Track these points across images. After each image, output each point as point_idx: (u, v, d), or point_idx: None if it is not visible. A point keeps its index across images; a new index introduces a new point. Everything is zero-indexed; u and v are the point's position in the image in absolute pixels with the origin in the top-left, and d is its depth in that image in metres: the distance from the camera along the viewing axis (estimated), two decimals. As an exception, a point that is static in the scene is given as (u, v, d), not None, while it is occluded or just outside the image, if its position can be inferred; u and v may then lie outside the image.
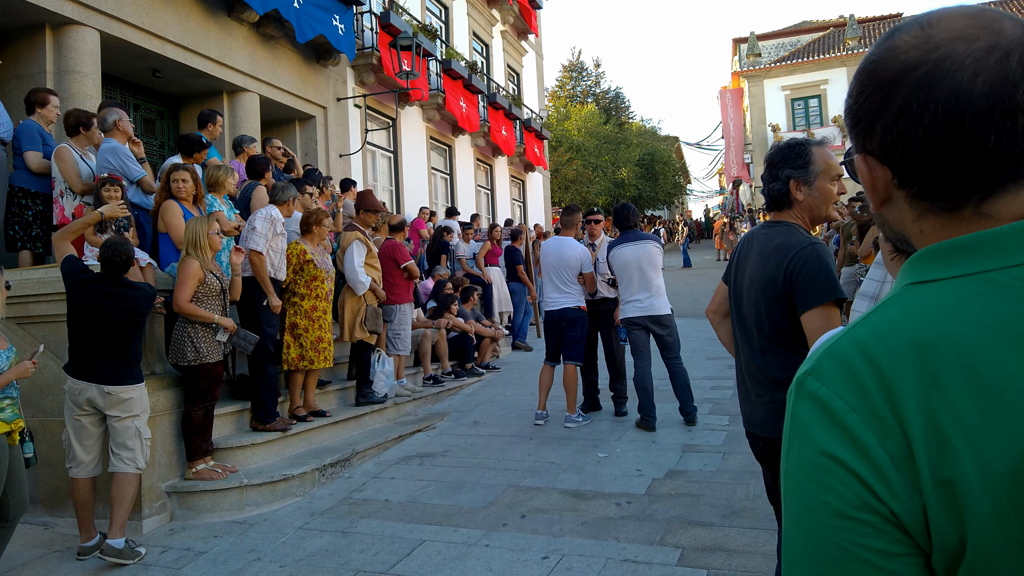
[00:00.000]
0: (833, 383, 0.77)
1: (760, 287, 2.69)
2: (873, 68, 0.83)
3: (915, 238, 0.86)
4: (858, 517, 0.72)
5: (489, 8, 21.69)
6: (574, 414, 7.30)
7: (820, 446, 0.76)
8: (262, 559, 4.70)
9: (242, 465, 5.96)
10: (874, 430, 0.73)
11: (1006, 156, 0.77)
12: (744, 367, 2.83)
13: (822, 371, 0.79)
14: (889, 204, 0.87)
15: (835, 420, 0.75)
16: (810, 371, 0.80)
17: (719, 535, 4.51)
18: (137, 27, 8.92)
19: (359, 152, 14.02)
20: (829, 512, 0.74)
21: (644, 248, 7.00)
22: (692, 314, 14.69)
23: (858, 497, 0.72)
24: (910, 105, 0.79)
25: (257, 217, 6.32)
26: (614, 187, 36.74)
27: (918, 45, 0.80)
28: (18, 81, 7.68)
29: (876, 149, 0.84)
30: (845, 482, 0.73)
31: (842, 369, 0.77)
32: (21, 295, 5.55)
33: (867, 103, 0.84)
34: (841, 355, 0.78)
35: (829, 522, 0.74)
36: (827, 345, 0.81)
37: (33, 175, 6.32)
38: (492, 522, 5.01)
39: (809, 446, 0.77)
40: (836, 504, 0.73)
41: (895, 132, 0.81)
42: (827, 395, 0.77)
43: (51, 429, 5.43)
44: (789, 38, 40.03)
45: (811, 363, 0.81)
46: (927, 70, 0.78)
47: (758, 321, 2.71)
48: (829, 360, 0.79)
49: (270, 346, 6.35)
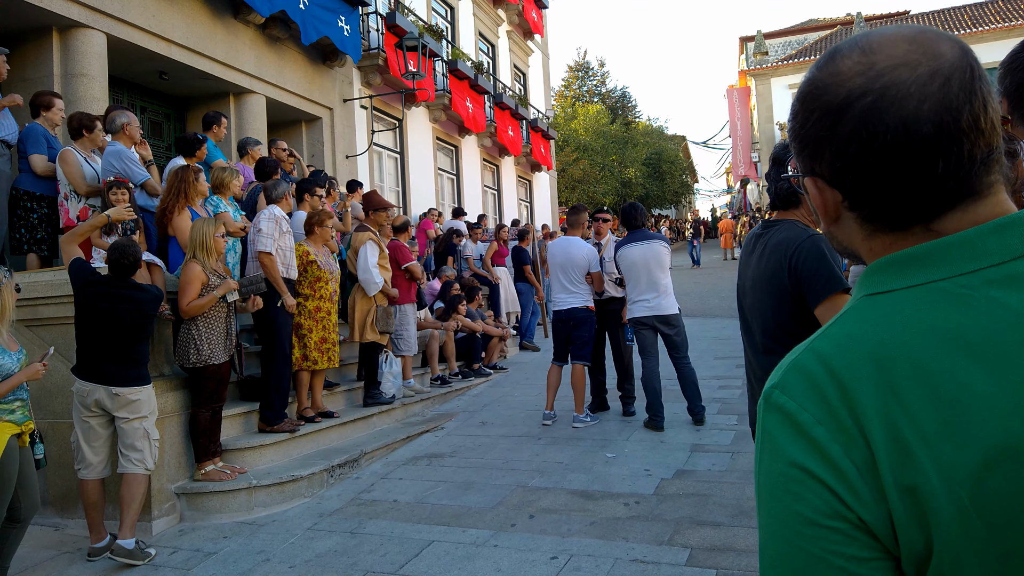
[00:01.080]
0: (799, 396, 0.79)
1: (763, 286, 2.68)
2: (818, 94, 0.85)
3: (865, 255, 0.89)
4: (829, 525, 0.74)
5: (495, 8, 21.70)
6: (582, 414, 7.29)
7: (789, 457, 0.78)
8: (271, 560, 4.71)
9: (251, 466, 5.97)
10: (839, 441, 0.75)
11: (954, 179, 0.80)
12: (748, 368, 2.82)
13: (788, 384, 0.81)
14: (839, 223, 0.89)
15: (802, 432, 0.77)
16: (776, 385, 0.82)
17: (728, 535, 4.50)
18: (144, 30, 8.94)
19: (365, 153, 14.03)
20: (801, 521, 0.76)
21: (651, 248, 6.98)
22: (700, 314, 14.69)
23: (828, 505, 0.74)
24: (859, 133, 0.80)
25: (261, 219, 6.34)
26: (621, 187, 36.68)
27: (862, 72, 0.81)
28: (25, 84, 7.70)
29: (825, 172, 0.86)
30: (815, 491, 0.75)
31: (806, 383, 0.79)
32: (30, 298, 5.57)
33: (813, 128, 0.85)
34: (805, 369, 0.80)
35: (801, 530, 0.76)
36: (791, 358, 0.83)
37: (38, 178, 6.35)
38: (500, 522, 5.01)
39: (779, 458, 0.79)
40: (807, 513, 0.75)
41: (845, 158, 0.82)
42: (794, 408, 0.79)
43: (60, 431, 5.45)
44: (796, 36, 39.95)
45: (777, 377, 0.83)
46: (874, 99, 0.80)
47: (762, 321, 2.70)
48: (794, 374, 0.81)
49: (286, 347, 6.36)
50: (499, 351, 10.91)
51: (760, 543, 0.81)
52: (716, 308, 15.42)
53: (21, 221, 6.36)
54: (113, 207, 5.55)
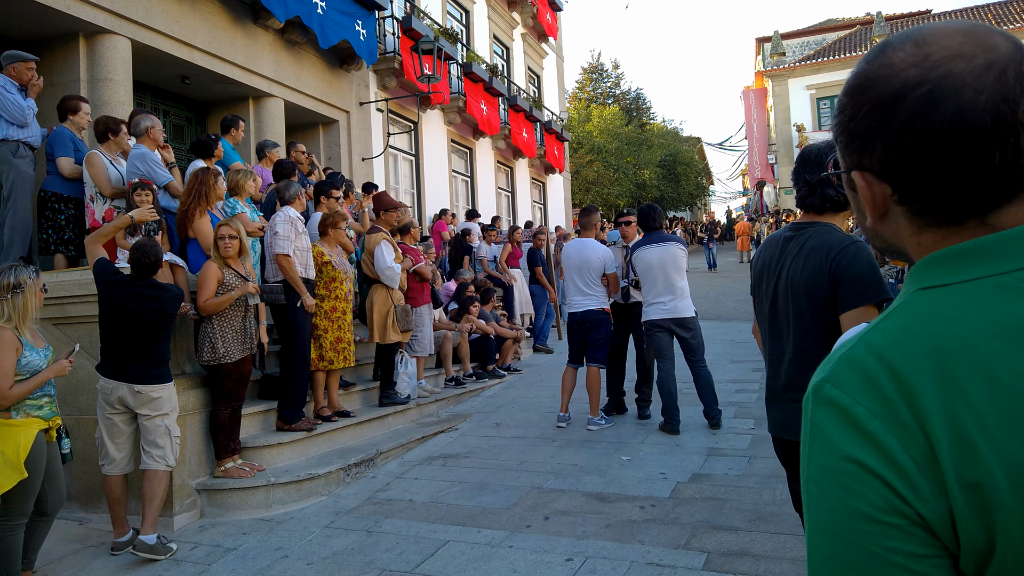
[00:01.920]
0: (852, 390, 0.77)
1: (803, 289, 2.61)
2: (870, 85, 0.84)
3: (913, 250, 0.87)
4: (886, 520, 0.73)
5: (509, 11, 21.75)
6: (597, 416, 7.31)
7: (843, 451, 0.76)
8: (289, 556, 4.78)
9: (269, 464, 6.05)
10: (897, 435, 0.74)
11: (1010, 171, 0.79)
12: (781, 371, 2.73)
13: (839, 378, 0.79)
14: (886, 219, 0.88)
15: (857, 426, 0.76)
16: (827, 378, 0.80)
17: (745, 540, 4.50)
18: (167, 35, 9.07)
19: (381, 155, 14.12)
20: (856, 516, 0.74)
21: (668, 250, 6.98)
22: (716, 317, 14.67)
23: (885, 501, 0.73)
24: (914, 123, 0.80)
25: (277, 221, 6.41)
26: (636, 188, 36.63)
27: (916, 63, 0.81)
28: (53, 89, 7.82)
29: (875, 166, 0.85)
30: (871, 486, 0.74)
31: (860, 375, 0.78)
32: (57, 297, 5.68)
33: (864, 121, 0.84)
34: (858, 361, 0.79)
35: (856, 526, 0.74)
36: (842, 352, 0.82)
37: (66, 180, 6.48)
38: (516, 523, 5.05)
39: (831, 452, 0.77)
40: (863, 508, 0.74)
41: (898, 150, 0.81)
42: (847, 402, 0.77)
43: (86, 427, 5.55)
44: (814, 36, 39.70)
45: (827, 370, 0.81)
46: (929, 89, 0.79)
47: (800, 324, 2.63)
48: (846, 367, 0.80)
49: (305, 347, 6.44)
50: (513, 353, 10.96)
51: (809, 539, 0.80)
52: (733, 311, 15.40)
53: (49, 222, 6.48)
54: (137, 208, 5.65)
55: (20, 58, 6.32)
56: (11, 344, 4.06)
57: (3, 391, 4.01)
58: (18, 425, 4.07)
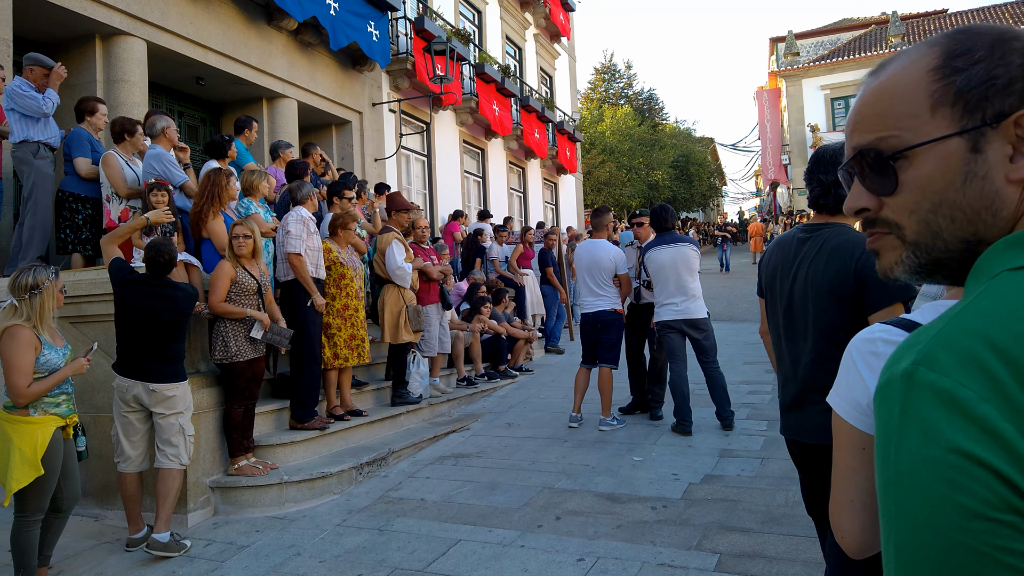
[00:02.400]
0: (954, 371, 0.70)
1: (826, 289, 2.57)
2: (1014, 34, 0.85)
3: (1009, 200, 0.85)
4: (998, 518, 0.66)
5: (522, 11, 21.77)
6: (609, 417, 7.30)
7: (948, 442, 0.69)
8: (302, 554, 4.80)
9: (282, 462, 6.09)
10: (1012, 420, 0.67)
11: None
12: (798, 374, 2.68)
13: (937, 359, 0.72)
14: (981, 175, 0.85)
15: (964, 412, 0.69)
16: (920, 361, 0.73)
17: (758, 541, 4.50)
18: (182, 37, 9.15)
19: (394, 156, 14.16)
20: (963, 514, 0.67)
21: (680, 250, 6.98)
22: (729, 318, 14.64)
23: (998, 496, 0.66)
24: None
25: (289, 220, 6.45)
26: (648, 189, 36.61)
27: None
28: (70, 90, 7.89)
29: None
30: (982, 480, 0.67)
31: (962, 357, 0.71)
32: (74, 295, 5.73)
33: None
34: (957, 343, 0.72)
35: (963, 524, 0.67)
36: (931, 334, 0.75)
37: (83, 180, 6.54)
38: (527, 523, 5.06)
39: (934, 442, 0.70)
40: (972, 505, 0.67)
41: None
42: (950, 384, 0.70)
43: (101, 424, 5.60)
44: (828, 36, 39.49)
45: (917, 353, 0.74)
46: None
47: (818, 324, 2.59)
48: (943, 348, 0.73)
49: (315, 346, 6.47)
50: (525, 353, 10.97)
51: (899, 539, 0.72)
52: (745, 312, 15.37)
53: (66, 222, 6.55)
54: (153, 210, 5.70)
55: (40, 62, 6.38)
56: (29, 343, 4.11)
57: (21, 389, 4.06)
58: (35, 422, 4.12)
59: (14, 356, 4.05)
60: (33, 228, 6.27)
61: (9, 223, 6.92)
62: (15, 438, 4.03)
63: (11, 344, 4.07)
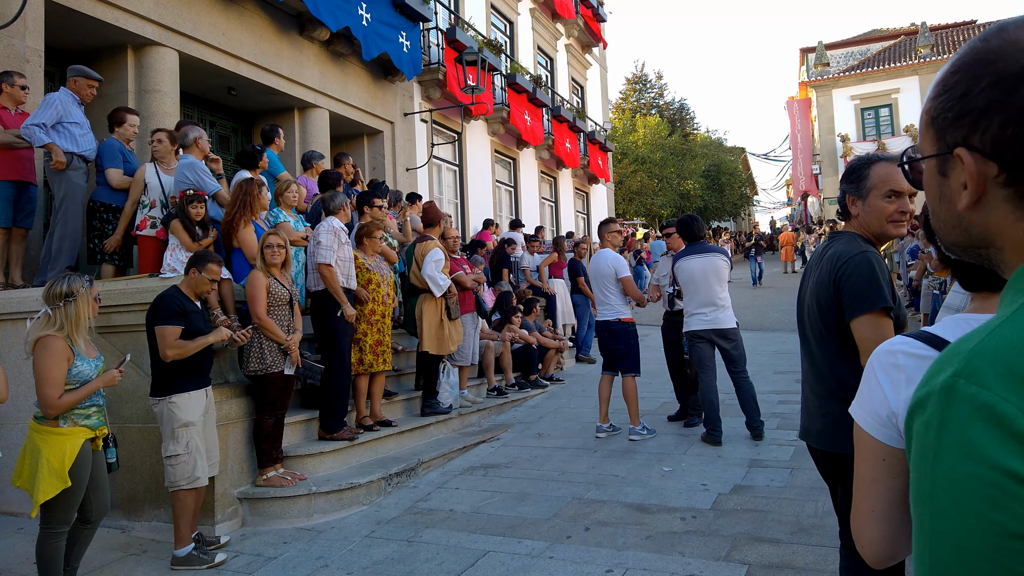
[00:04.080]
0: (996, 385, 0.68)
1: (815, 295, 2.70)
2: (990, 59, 0.82)
3: (1013, 239, 0.83)
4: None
5: (554, 22, 21.80)
6: (638, 426, 7.24)
7: (989, 459, 0.67)
8: (330, 566, 4.79)
9: (310, 473, 6.08)
10: None
11: None
12: (804, 378, 2.84)
13: (977, 372, 0.70)
14: (981, 205, 0.85)
15: (1006, 427, 0.67)
16: (960, 373, 0.72)
17: (787, 552, 4.43)
18: (214, 47, 9.25)
19: (425, 166, 14.22)
20: (1002, 534, 0.65)
21: (711, 261, 6.93)
22: (759, 327, 14.49)
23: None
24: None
25: (321, 231, 6.47)
26: (679, 199, 36.46)
27: None
28: (102, 100, 8.00)
29: (986, 144, 0.82)
30: (1022, 499, 0.65)
31: (1003, 370, 0.69)
32: (104, 306, 5.70)
33: (982, 96, 0.82)
34: (999, 355, 0.70)
35: (1001, 544, 0.66)
36: (971, 346, 0.74)
37: (114, 191, 6.62)
38: (556, 534, 5.01)
39: (973, 458, 0.68)
40: (1011, 524, 0.65)
41: (1019, 125, 0.79)
42: (991, 399, 0.68)
43: (129, 436, 5.63)
44: (858, 47, 39.24)
45: (957, 365, 0.73)
46: None
47: (814, 330, 2.72)
48: (985, 361, 0.71)
49: (345, 356, 6.47)
50: (555, 363, 10.92)
51: (935, 557, 0.71)
52: (776, 322, 15.20)
53: (96, 232, 6.62)
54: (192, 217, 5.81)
55: (85, 74, 6.48)
56: (62, 354, 4.10)
57: (52, 400, 4.05)
58: (65, 434, 4.11)
59: (46, 367, 4.05)
60: (63, 239, 6.35)
61: (39, 232, 7.00)
62: (44, 449, 4.03)
63: (44, 355, 4.07)
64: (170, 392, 4.93)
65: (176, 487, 4.88)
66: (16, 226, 6.42)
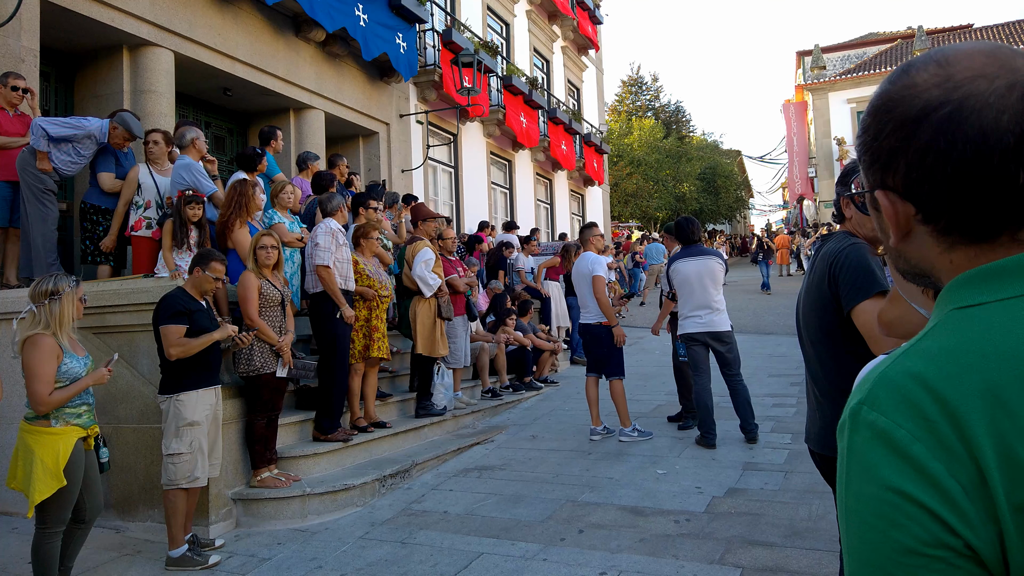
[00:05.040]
0: (892, 412, 0.74)
1: (811, 295, 2.72)
2: (892, 106, 0.84)
3: (944, 270, 0.85)
4: (930, 554, 0.69)
5: (550, 24, 21.83)
6: (628, 428, 7.26)
7: (884, 480, 0.73)
8: (324, 567, 4.79)
9: (304, 474, 6.08)
10: (941, 459, 0.70)
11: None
12: (806, 381, 2.86)
13: (878, 400, 0.76)
14: (909, 239, 0.87)
15: (898, 451, 0.72)
16: (864, 400, 0.77)
17: (781, 555, 4.44)
18: (209, 48, 9.24)
19: (421, 167, 14.21)
20: (898, 550, 0.71)
21: (706, 263, 6.94)
22: (754, 330, 14.50)
23: (929, 533, 0.70)
24: (936, 143, 0.79)
25: (319, 232, 6.46)
26: (675, 201, 36.49)
27: (939, 84, 0.80)
28: (97, 100, 8.00)
29: (899, 185, 0.84)
30: (915, 518, 0.70)
31: (899, 397, 0.75)
32: (97, 306, 5.75)
33: (888, 140, 0.83)
34: (896, 384, 0.76)
35: (899, 560, 0.71)
36: (877, 373, 0.79)
37: (105, 194, 6.60)
38: (550, 536, 5.02)
39: (872, 481, 0.74)
40: (906, 541, 0.71)
41: (921, 169, 0.81)
42: (887, 425, 0.74)
43: (124, 436, 5.63)
44: (855, 50, 39.35)
45: (863, 392, 0.78)
46: (951, 109, 0.78)
47: (809, 331, 2.74)
48: (884, 389, 0.76)
49: (344, 358, 6.47)
50: (550, 365, 10.92)
51: (848, 570, 0.77)
52: (771, 325, 15.21)
53: (87, 233, 6.62)
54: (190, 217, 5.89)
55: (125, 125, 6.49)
56: (52, 351, 4.10)
57: (43, 397, 4.05)
58: (57, 433, 4.11)
59: (36, 364, 4.05)
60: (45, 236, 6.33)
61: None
62: (37, 449, 4.02)
63: (34, 352, 4.07)
64: (178, 390, 4.95)
65: (174, 486, 4.88)
66: (12, 226, 6.40)
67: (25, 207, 6.22)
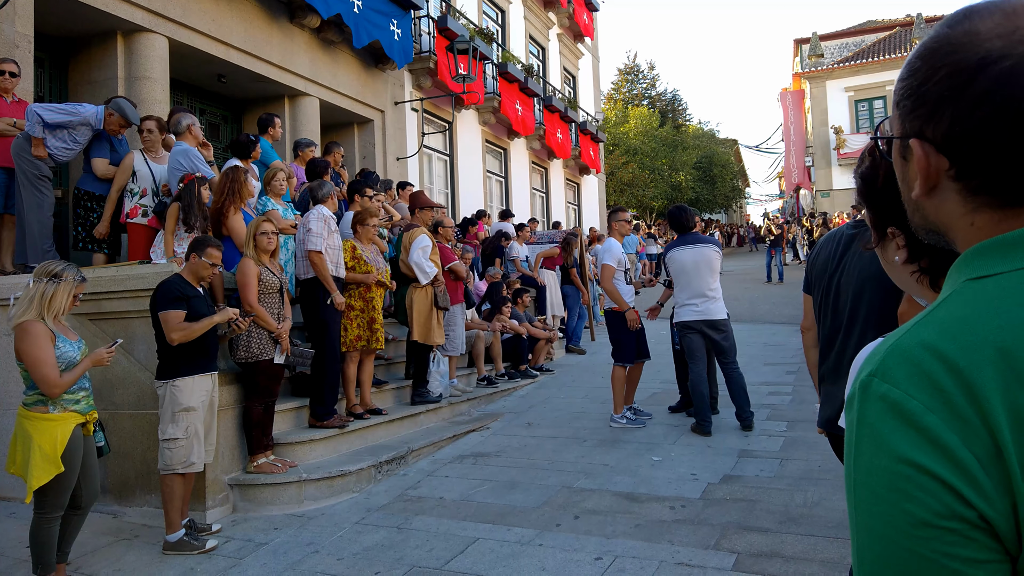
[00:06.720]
0: (904, 383, 0.73)
1: (876, 281, 2.63)
2: (949, 50, 0.79)
3: (961, 231, 0.83)
4: (944, 526, 0.69)
5: (545, 11, 21.75)
6: (618, 414, 7.33)
7: (897, 452, 0.71)
8: (320, 552, 4.81)
9: (301, 460, 6.09)
10: (956, 430, 0.69)
11: None
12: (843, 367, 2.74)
13: (889, 371, 0.74)
14: (934, 194, 0.84)
15: (911, 423, 0.71)
16: (875, 372, 0.76)
17: (775, 541, 4.47)
18: (204, 34, 9.19)
19: (416, 155, 14.18)
20: (911, 522, 0.70)
21: (702, 251, 6.94)
22: (750, 319, 14.53)
23: (943, 504, 0.69)
24: (993, 97, 0.75)
25: (311, 219, 6.46)
26: (671, 190, 36.45)
27: (1003, 34, 0.76)
28: (91, 87, 7.96)
29: (938, 137, 0.80)
30: (928, 489, 0.69)
31: (911, 368, 0.73)
32: (94, 292, 5.74)
33: (937, 87, 0.80)
34: (908, 354, 0.74)
35: (912, 532, 0.70)
36: (888, 345, 0.77)
37: (99, 180, 6.58)
38: (545, 522, 5.04)
39: (883, 453, 0.72)
40: (919, 513, 0.69)
41: (970, 121, 0.77)
42: (899, 396, 0.72)
43: (121, 422, 5.64)
44: (853, 38, 39.13)
45: (874, 364, 0.76)
46: (1013, 63, 0.75)
47: (869, 315, 2.67)
48: (896, 360, 0.75)
49: (335, 344, 6.48)
50: (545, 353, 10.94)
51: (857, 544, 0.76)
52: (767, 314, 15.25)
53: (80, 220, 6.60)
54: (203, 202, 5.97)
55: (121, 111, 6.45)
56: (45, 335, 4.07)
57: (55, 379, 4.03)
58: (55, 419, 4.11)
59: (36, 349, 4.03)
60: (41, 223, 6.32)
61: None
62: (35, 435, 4.03)
63: (28, 339, 4.05)
64: (175, 375, 4.97)
65: (170, 471, 4.90)
66: (7, 213, 6.39)
67: (21, 193, 6.21)
